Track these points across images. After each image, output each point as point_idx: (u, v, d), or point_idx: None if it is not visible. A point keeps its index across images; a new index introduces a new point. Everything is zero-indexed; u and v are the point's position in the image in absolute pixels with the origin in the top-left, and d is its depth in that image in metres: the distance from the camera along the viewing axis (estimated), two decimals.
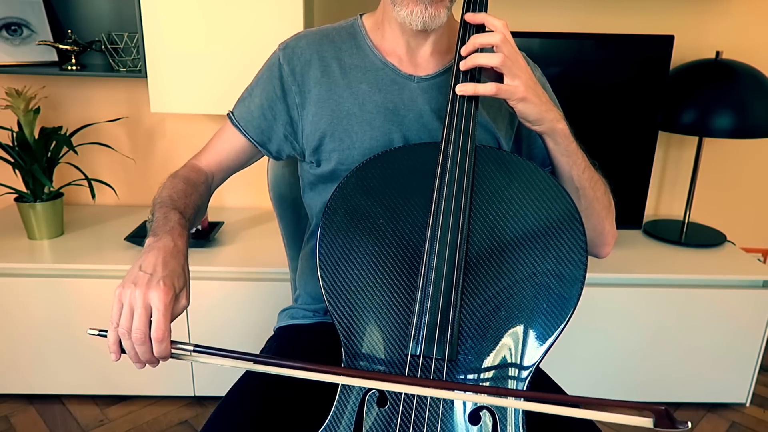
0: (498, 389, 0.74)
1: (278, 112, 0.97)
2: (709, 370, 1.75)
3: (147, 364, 0.72)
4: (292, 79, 0.95)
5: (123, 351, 0.71)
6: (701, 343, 1.72)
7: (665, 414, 0.65)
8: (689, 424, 0.65)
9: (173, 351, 0.70)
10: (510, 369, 0.76)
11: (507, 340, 0.76)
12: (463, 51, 0.80)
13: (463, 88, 0.79)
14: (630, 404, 0.67)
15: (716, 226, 2.01)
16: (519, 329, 0.76)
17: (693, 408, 1.81)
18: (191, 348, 0.71)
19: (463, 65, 0.80)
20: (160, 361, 0.72)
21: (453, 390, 0.72)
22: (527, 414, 0.75)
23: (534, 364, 0.76)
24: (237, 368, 0.75)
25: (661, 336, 1.71)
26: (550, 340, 0.76)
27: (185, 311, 0.83)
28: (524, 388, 0.75)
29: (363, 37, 0.97)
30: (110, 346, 0.70)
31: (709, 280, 1.70)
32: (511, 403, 0.73)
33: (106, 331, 0.71)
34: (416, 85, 0.94)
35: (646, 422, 0.66)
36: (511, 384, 0.76)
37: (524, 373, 0.76)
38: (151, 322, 0.69)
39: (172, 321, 0.71)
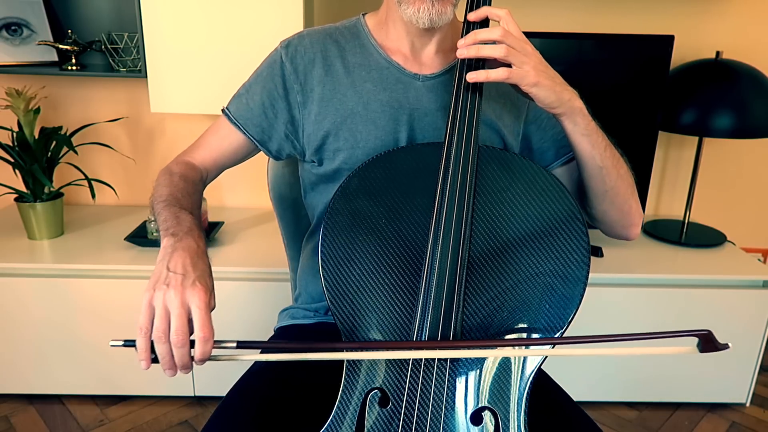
0: (523, 340, 0.73)
1: (279, 110, 0.96)
2: (709, 370, 1.75)
3: (180, 370, 0.68)
4: (295, 77, 0.95)
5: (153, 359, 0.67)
6: None
7: (709, 337, 0.64)
8: (730, 345, 0.65)
9: (214, 351, 0.67)
10: (512, 369, 0.76)
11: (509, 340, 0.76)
12: (461, 44, 0.79)
13: (475, 75, 0.78)
14: (668, 334, 0.65)
15: (716, 226, 2.01)
16: (521, 329, 0.76)
17: (693, 408, 1.81)
18: (234, 344, 0.68)
19: (466, 53, 0.78)
20: (194, 366, 0.68)
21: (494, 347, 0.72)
22: (528, 414, 0.75)
23: (537, 365, 0.76)
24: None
25: None
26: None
27: None
28: (526, 389, 0.75)
29: (366, 36, 0.97)
30: (141, 353, 0.67)
31: (709, 280, 1.70)
32: (546, 352, 0.71)
33: (132, 341, 0.67)
34: (421, 84, 0.94)
35: (691, 349, 0.66)
36: (513, 384, 0.76)
37: (527, 373, 0.76)
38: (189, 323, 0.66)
39: None
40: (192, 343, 0.67)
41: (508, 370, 0.76)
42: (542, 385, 0.93)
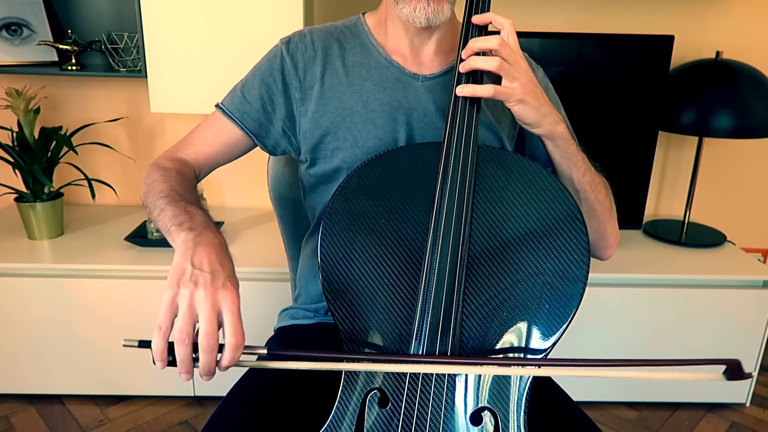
0: (547, 360, 0.72)
1: (278, 106, 0.96)
2: (709, 370, 1.75)
3: (203, 377, 0.64)
4: (294, 73, 0.95)
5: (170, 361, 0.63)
6: (701, 343, 1.72)
7: (738, 366, 0.64)
8: (754, 374, 0.65)
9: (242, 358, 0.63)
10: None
11: (509, 340, 0.76)
12: (463, 54, 0.80)
13: (462, 90, 0.79)
14: (697, 362, 0.65)
15: (716, 226, 2.01)
16: (521, 328, 0.76)
17: (693, 408, 1.81)
18: (264, 352, 0.65)
19: (462, 68, 0.80)
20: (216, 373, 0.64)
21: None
22: (528, 414, 0.75)
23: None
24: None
25: (661, 336, 1.71)
26: (553, 339, 0.76)
27: None
28: (526, 389, 0.75)
29: (367, 35, 0.97)
30: (157, 354, 0.62)
31: (709, 280, 1.70)
32: (563, 372, 0.70)
33: (147, 342, 0.63)
34: (421, 84, 0.94)
35: (717, 376, 0.66)
36: (513, 384, 0.76)
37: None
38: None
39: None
40: (220, 348, 0.63)
41: None
42: (542, 385, 0.93)
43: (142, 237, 1.72)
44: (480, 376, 0.75)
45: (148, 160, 2.02)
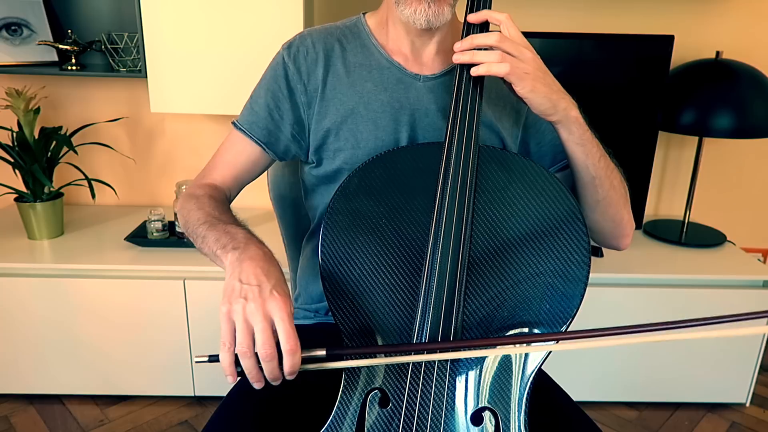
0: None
1: (285, 112, 0.96)
2: (709, 370, 1.75)
3: (272, 382, 0.67)
4: (298, 77, 0.95)
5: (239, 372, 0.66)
6: (701, 343, 1.72)
7: None
8: None
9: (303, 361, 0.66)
10: (513, 368, 0.76)
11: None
12: (457, 48, 0.79)
13: (476, 69, 0.77)
14: (744, 316, 0.64)
15: (716, 226, 2.01)
16: (522, 328, 0.76)
17: (693, 408, 1.81)
18: (323, 354, 0.67)
19: (461, 58, 0.78)
20: (284, 377, 0.67)
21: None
22: (529, 415, 0.75)
23: (538, 365, 0.76)
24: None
25: (661, 336, 1.71)
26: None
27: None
28: (527, 389, 0.75)
29: (367, 36, 0.97)
30: (226, 369, 0.66)
31: (709, 280, 1.70)
32: (601, 343, 0.67)
33: (216, 356, 0.66)
34: (422, 84, 0.94)
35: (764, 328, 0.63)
36: (514, 384, 0.76)
37: (527, 373, 0.76)
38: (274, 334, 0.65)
39: None
40: (281, 355, 0.65)
41: (508, 369, 0.76)
42: (542, 385, 0.93)
43: (142, 237, 1.72)
44: (480, 375, 0.75)
45: (148, 160, 2.02)
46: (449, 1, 0.86)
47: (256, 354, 0.65)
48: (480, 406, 0.75)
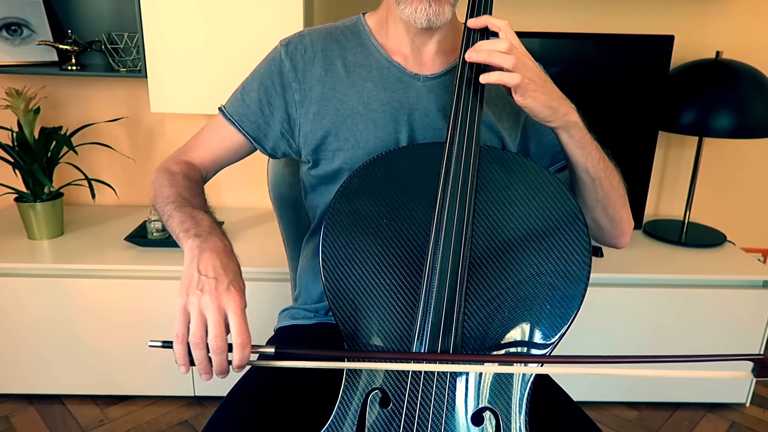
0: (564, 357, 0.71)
1: (276, 108, 0.96)
2: (709, 370, 1.75)
3: (218, 375, 0.69)
4: (294, 75, 0.95)
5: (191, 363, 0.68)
6: (701, 343, 1.72)
7: (766, 362, 0.62)
8: None
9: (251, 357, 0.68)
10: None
11: (510, 340, 0.76)
12: (469, 58, 0.77)
13: (488, 77, 0.77)
14: (721, 358, 0.64)
15: (716, 226, 2.01)
16: (523, 329, 0.76)
17: (693, 408, 1.81)
18: (272, 351, 0.69)
19: (476, 57, 0.76)
20: (230, 372, 0.69)
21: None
22: (529, 415, 0.75)
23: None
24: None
25: (661, 336, 1.71)
26: (554, 339, 0.76)
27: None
28: (527, 389, 0.75)
29: (367, 36, 0.97)
30: (178, 359, 0.68)
31: (709, 280, 1.70)
32: (581, 370, 0.69)
33: (170, 342, 0.68)
34: (422, 84, 0.94)
35: (745, 374, 0.64)
36: (515, 384, 0.76)
37: (528, 374, 0.76)
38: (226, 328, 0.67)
39: None
40: (230, 348, 0.67)
41: None
42: (542, 385, 0.93)
43: (142, 237, 1.72)
44: (481, 376, 0.75)
45: (148, 160, 2.02)
46: (450, 0, 0.86)
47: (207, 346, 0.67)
48: (480, 406, 0.75)
